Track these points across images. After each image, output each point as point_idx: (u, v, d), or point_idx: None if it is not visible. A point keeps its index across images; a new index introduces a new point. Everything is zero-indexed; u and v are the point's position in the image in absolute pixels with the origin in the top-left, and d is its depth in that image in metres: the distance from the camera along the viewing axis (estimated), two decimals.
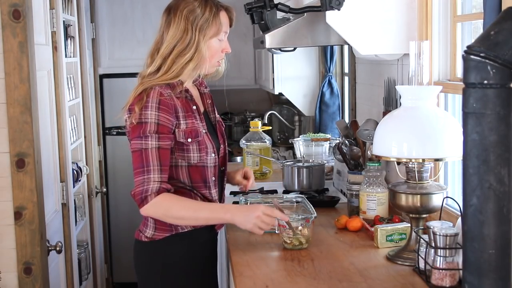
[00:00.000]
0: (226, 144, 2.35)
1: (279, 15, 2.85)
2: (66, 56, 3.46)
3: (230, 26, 2.23)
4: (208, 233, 2.25)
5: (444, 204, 2.04)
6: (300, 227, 2.21)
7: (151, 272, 2.20)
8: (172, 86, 2.13)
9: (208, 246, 2.28)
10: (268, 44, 2.61)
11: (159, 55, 2.14)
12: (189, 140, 2.12)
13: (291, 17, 2.78)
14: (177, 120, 2.11)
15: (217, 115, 2.35)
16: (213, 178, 2.22)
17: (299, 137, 3.89)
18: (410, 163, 2.02)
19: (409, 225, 2.13)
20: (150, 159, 2.04)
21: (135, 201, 2.07)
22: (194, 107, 2.19)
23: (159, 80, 2.10)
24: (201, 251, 2.24)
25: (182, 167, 2.15)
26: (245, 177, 2.52)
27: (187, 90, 2.19)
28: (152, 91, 2.08)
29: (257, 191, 3.13)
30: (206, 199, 2.21)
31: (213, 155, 2.19)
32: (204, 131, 2.18)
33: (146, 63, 2.20)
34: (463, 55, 1.36)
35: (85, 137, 3.98)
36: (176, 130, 2.11)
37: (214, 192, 2.23)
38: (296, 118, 4.80)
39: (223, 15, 2.18)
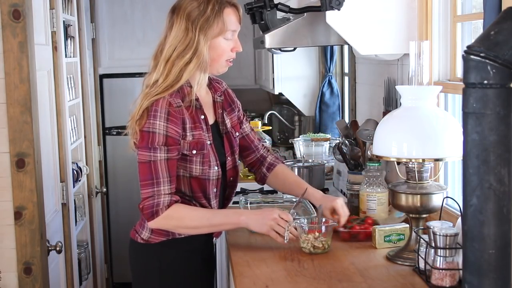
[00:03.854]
0: (236, 156, 2.27)
1: (279, 15, 2.84)
2: (66, 56, 3.45)
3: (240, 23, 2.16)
4: (205, 236, 2.19)
5: (444, 204, 2.04)
6: (322, 232, 2.19)
7: (147, 273, 2.17)
8: (182, 93, 2.08)
9: (205, 249, 2.25)
10: (268, 44, 2.61)
11: (162, 58, 2.08)
12: (194, 152, 2.08)
13: (291, 17, 2.78)
14: (183, 132, 2.06)
15: (229, 126, 2.25)
16: (215, 190, 2.16)
17: (299, 137, 3.89)
18: (410, 163, 2.02)
19: (408, 225, 2.13)
20: (160, 171, 2.01)
21: (143, 214, 2.04)
22: (202, 117, 2.13)
23: (162, 90, 2.04)
24: (198, 254, 2.20)
25: (183, 178, 2.11)
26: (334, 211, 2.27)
27: (197, 99, 2.12)
28: (162, 100, 2.02)
29: (257, 191, 3.13)
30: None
31: (216, 168, 2.14)
32: (209, 142, 2.13)
33: (150, 65, 2.13)
34: (463, 55, 1.36)
35: (85, 137, 3.98)
36: (182, 141, 2.06)
37: (214, 203, 2.17)
38: (296, 118, 4.79)
39: (228, 13, 2.11)
